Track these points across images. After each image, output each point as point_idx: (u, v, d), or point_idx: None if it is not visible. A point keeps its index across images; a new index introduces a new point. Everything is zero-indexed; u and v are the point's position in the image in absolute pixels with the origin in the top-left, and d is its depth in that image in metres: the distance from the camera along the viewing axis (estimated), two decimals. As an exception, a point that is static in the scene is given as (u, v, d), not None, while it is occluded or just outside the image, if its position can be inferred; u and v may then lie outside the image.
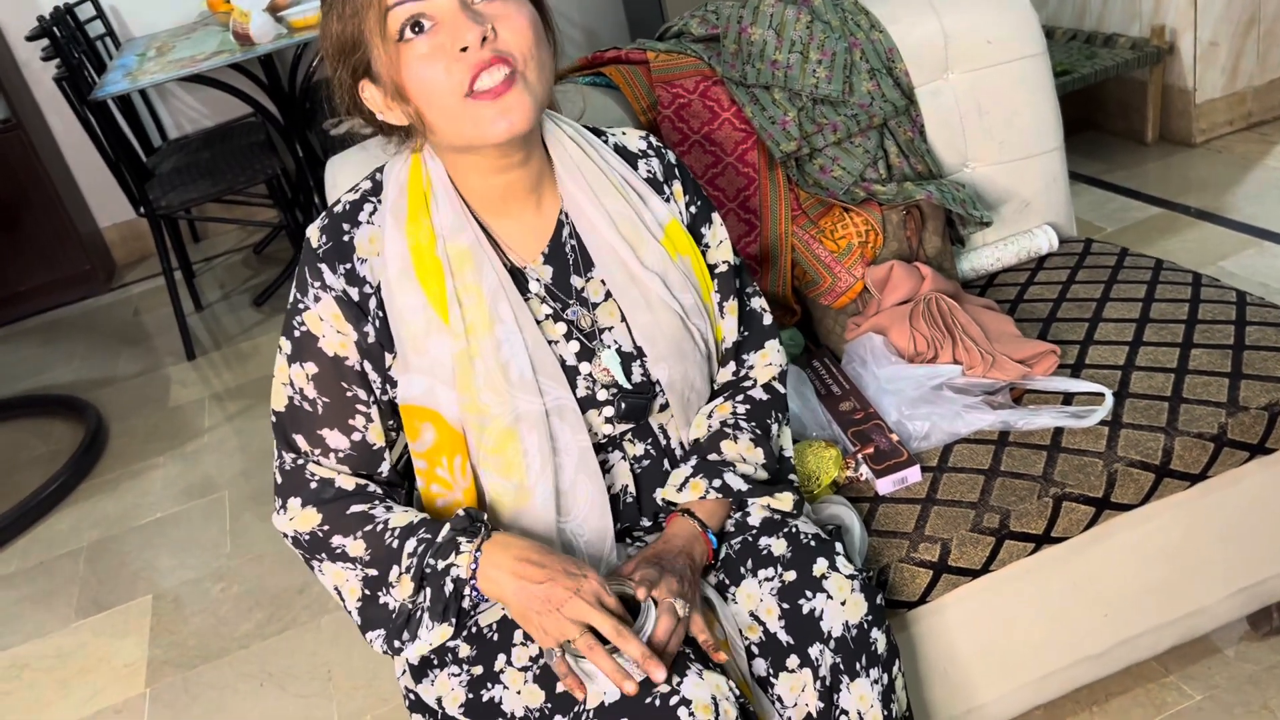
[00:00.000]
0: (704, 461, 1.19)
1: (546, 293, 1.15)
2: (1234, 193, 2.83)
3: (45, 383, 3.49)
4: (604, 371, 1.14)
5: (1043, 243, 1.78)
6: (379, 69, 1.03)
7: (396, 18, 0.99)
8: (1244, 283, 2.40)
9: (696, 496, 1.16)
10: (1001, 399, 1.42)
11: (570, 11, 4.53)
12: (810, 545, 1.12)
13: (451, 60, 0.99)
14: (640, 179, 1.19)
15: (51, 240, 4.02)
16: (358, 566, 1.10)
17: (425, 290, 1.08)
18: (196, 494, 2.66)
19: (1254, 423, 1.34)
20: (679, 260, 1.17)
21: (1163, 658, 1.58)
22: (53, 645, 2.24)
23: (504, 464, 1.10)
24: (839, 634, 1.08)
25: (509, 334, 1.09)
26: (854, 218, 1.61)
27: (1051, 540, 1.31)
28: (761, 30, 1.67)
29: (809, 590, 1.09)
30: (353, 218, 1.12)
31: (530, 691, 1.07)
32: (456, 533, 1.07)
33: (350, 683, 1.93)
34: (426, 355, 1.09)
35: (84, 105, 3.07)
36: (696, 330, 1.18)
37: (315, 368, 1.10)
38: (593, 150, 1.17)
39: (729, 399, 1.25)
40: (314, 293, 1.10)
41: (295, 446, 1.13)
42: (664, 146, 1.25)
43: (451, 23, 0.99)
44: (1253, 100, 3.14)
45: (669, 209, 1.19)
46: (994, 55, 1.73)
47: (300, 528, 1.12)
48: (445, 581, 1.07)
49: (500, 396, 1.08)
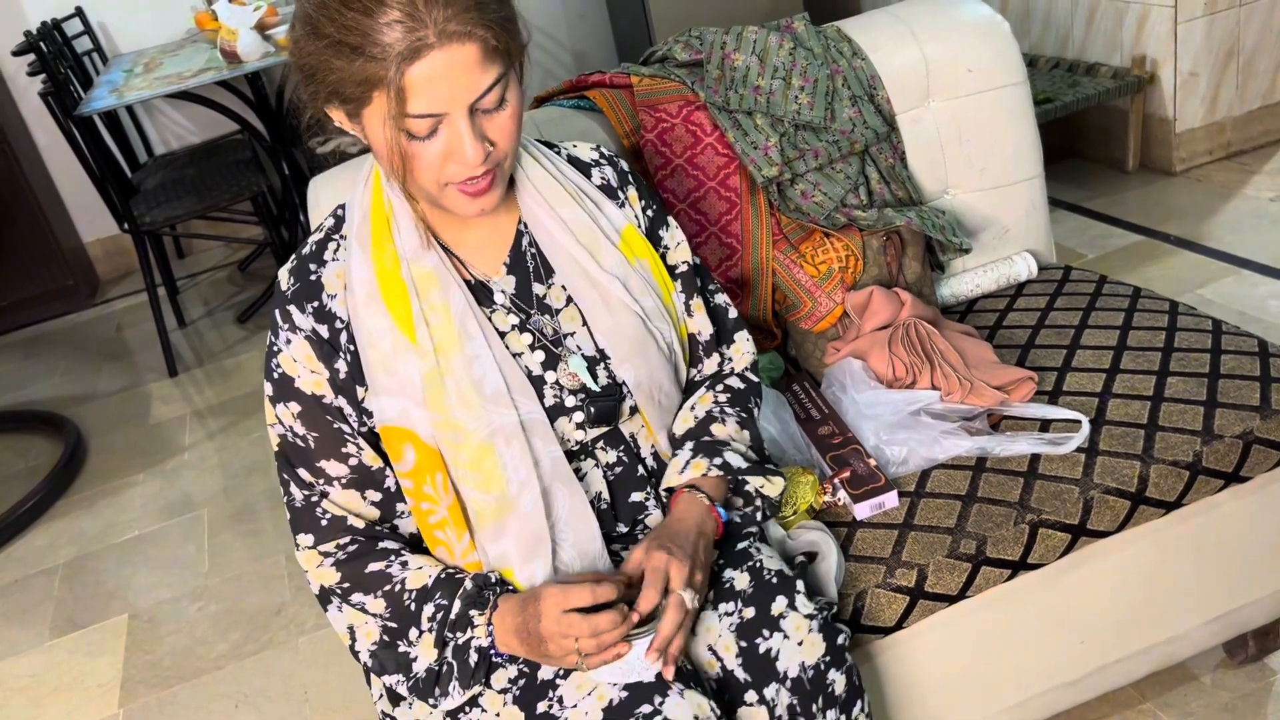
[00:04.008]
0: (701, 443, 1.22)
1: (511, 303, 1.16)
2: (1213, 221, 2.86)
3: (25, 398, 3.47)
4: (571, 377, 1.16)
5: (1022, 269, 1.79)
6: (367, 126, 1.02)
7: (414, 123, 0.99)
8: (1222, 310, 2.42)
9: (700, 474, 1.19)
10: (979, 425, 1.42)
11: (559, 34, 4.56)
12: (771, 582, 1.12)
13: (449, 160, 1.02)
14: (594, 187, 1.22)
15: (35, 255, 4.01)
16: (377, 620, 1.12)
17: (391, 312, 1.09)
18: (175, 512, 2.64)
19: (1229, 451, 1.35)
20: (637, 264, 1.20)
21: (1139, 685, 1.58)
22: (26, 664, 2.21)
23: (483, 479, 1.11)
24: (795, 674, 1.08)
25: (480, 350, 1.10)
26: (834, 243, 1.62)
27: (1028, 566, 1.31)
28: (744, 56, 1.68)
29: (766, 629, 1.10)
30: (318, 257, 1.14)
31: (510, 713, 1.07)
32: (467, 606, 1.10)
33: (327, 704, 1.91)
34: (396, 376, 1.09)
35: (70, 120, 3.07)
36: (659, 333, 1.20)
37: (298, 406, 1.12)
38: (547, 162, 1.20)
39: (709, 389, 1.28)
40: (285, 335, 1.12)
41: (301, 480, 1.14)
42: (615, 156, 1.27)
43: (457, 135, 1.00)
44: (1232, 130, 3.18)
45: (624, 215, 1.22)
46: (975, 83, 1.75)
47: (323, 581, 1.14)
48: (469, 654, 1.09)
49: (474, 412, 1.09)
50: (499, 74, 0.99)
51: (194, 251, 4.47)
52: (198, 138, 4.24)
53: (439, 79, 0.96)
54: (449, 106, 0.98)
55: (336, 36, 0.96)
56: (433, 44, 0.95)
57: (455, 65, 0.96)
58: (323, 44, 0.98)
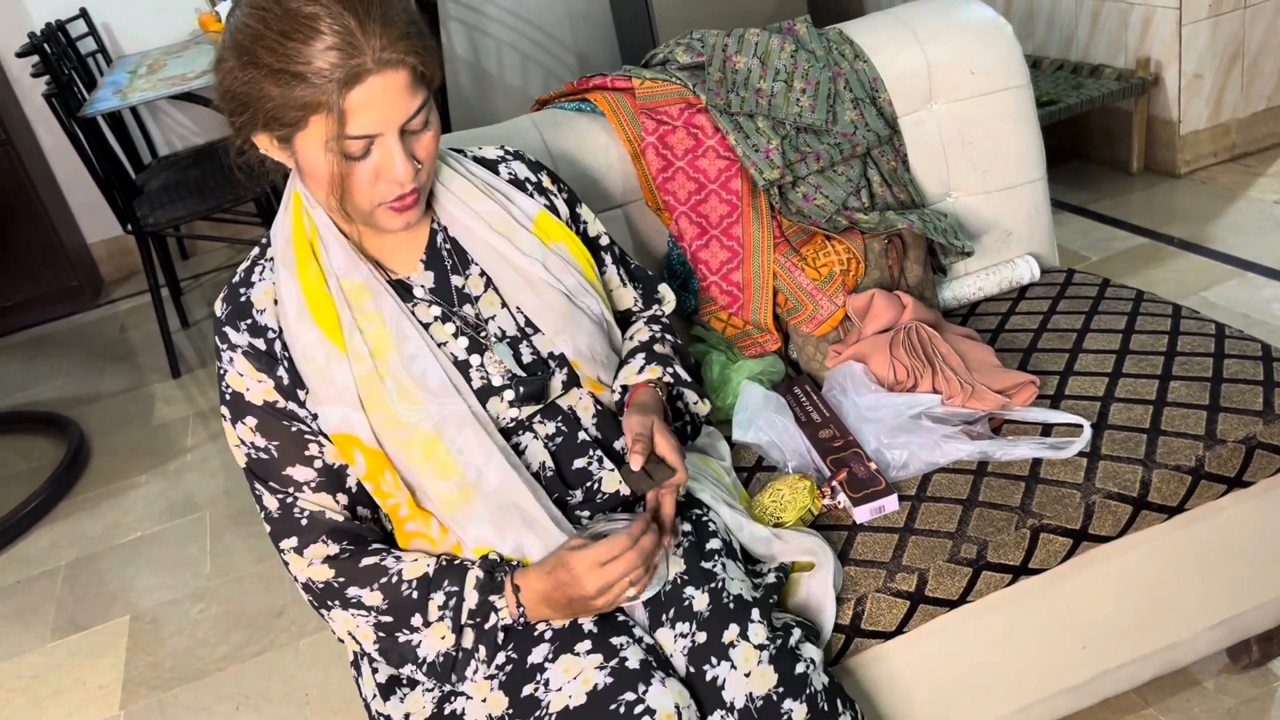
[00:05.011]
0: (652, 353, 1.33)
1: (431, 296, 1.22)
2: (1217, 224, 2.85)
3: (29, 399, 3.48)
4: (497, 363, 1.21)
5: (1024, 273, 1.79)
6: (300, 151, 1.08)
7: (351, 144, 1.06)
8: (1225, 313, 2.41)
9: (656, 377, 1.30)
10: (980, 429, 1.42)
11: (562, 36, 4.56)
12: (729, 607, 1.14)
13: (380, 180, 1.09)
14: (503, 181, 1.30)
15: (38, 256, 4.01)
16: (371, 614, 1.15)
17: (320, 325, 1.15)
18: (177, 513, 2.64)
19: (1231, 456, 1.35)
20: (553, 245, 1.27)
21: (1142, 690, 1.58)
22: (28, 665, 2.22)
23: (438, 467, 1.15)
24: (741, 705, 1.09)
25: (417, 350, 1.16)
26: (836, 246, 1.62)
27: (1029, 571, 1.31)
28: (746, 59, 1.68)
29: (714, 657, 1.11)
30: (246, 281, 1.20)
31: (495, 699, 1.10)
32: (485, 594, 1.14)
33: (328, 707, 1.91)
34: (332, 384, 1.14)
35: (74, 121, 3.07)
36: (586, 307, 1.27)
37: (254, 419, 1.16)
38: (457, 164, 1.27)
39: (645, 324, 1.39)
40: (226, 355, 1.17)
41: (273, 489, 1.17)
42: (520, 151, 1.37)
43: (389, 155, 1.08)
44: (1236, 132, 3.17)
45: (535, 203, 1.30)
46: (977, 86, 1.74)
47: (315, 577, 1.16)
48: (497, 635, 1.14)
49: (417, 407, 1.14)
50: (425, 98, 1.08)
51: (197, 252, 4.48)
52: (201, 139, 4.24)
53: (375, 103, 1.04)
54: (383, 128, 1.06)
55: (276, 65, 1.02)
56: (370, 69, 1.02)
57: (390, 89, 1.04)
58: (260, 73, 1.04)
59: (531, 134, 1.65)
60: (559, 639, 1.12)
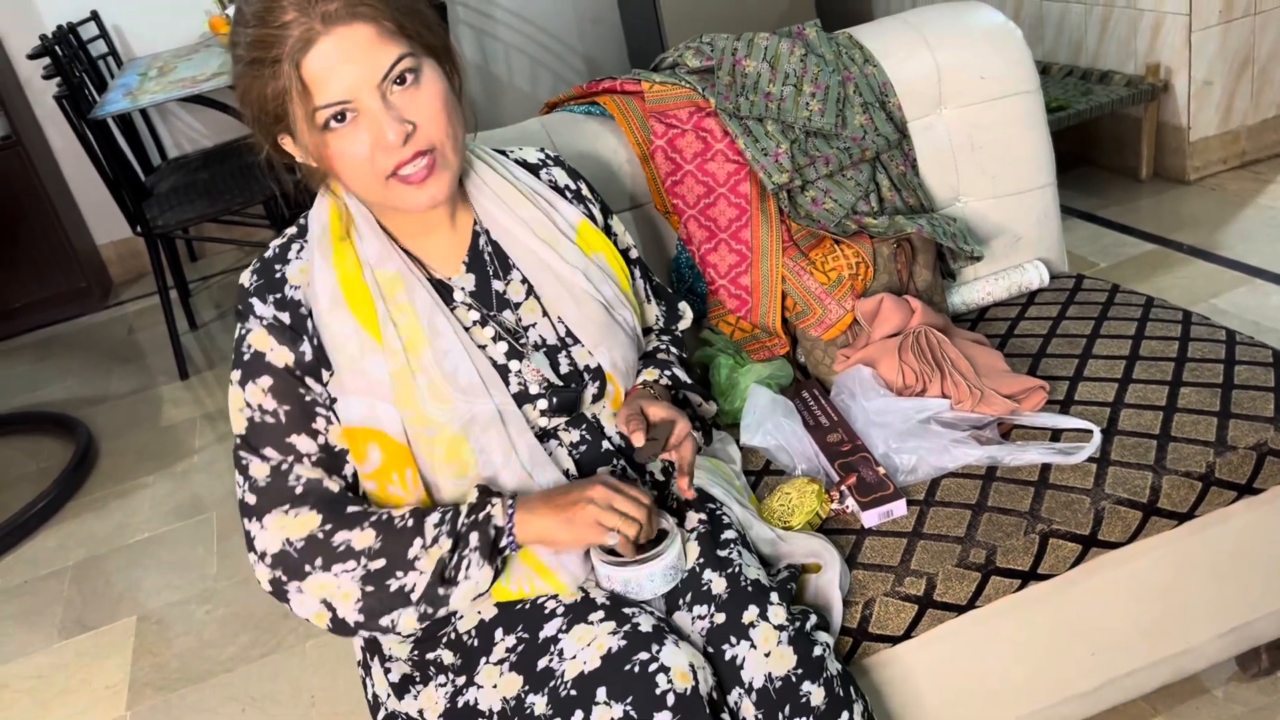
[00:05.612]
0: (651, 358, 1.34)
1: (472, 299, 1.19)
2: (1227, 230, 2.85)
3: (38, 400, 3.49)
4: (534, 371, 1.19)
5: (1033, 278, 1.79)
6: (303, 142, 1.06)
7: (322, 114, 1.02)
8: (1235, 320, 2.40)
9: (653, 380, 1.30)
10: (989, 434, 1.42)
11: (572, 40, 4.57)
12: (746, 590, 1.14)
13: (375, 149, 1.04)
14: (545, 186, 1.27)
15: (48, 257, 4.03)
16: (360, 563, 1.08)
17: (356, 315, 1.11)
18: (185, 514, 2.64)
19: (1242, 462, 1.34)
20: (594, 256, 1.25)
21: (1150, 697, 1.57)
22: (34, 665, 2.22)
23: (459, 467, 1.13)
24: (760, 685, 1.08)
25: (450, 345, 1.13)
26: (845, 250, 1.61)
27: (1038, 577, 1.30)
28: (756, 63, 1.68)
29: (734, 636, 1.11)
30: (283, 258, 1.16)
31: (508, 681, 1.09)
32: (482, 493, 1.12)
33: (334, 709, 1.91)
34: (364, 376, 1.11)
35: (84, 123, 3.08)
36: (623, 319, 1.26)
37: (270, 380, 1.12)
38: (500, 166, 1.24)
39: (656, 336, 1.40)
40: (251, 324, 1.13)
41: (266, 457, 1.12)
42: (559, 156, 1.34)
43: (374, 119, 1.03)
44: (1246, 139, 3.16)
45: (577, 211, 1.27)
46: (987, 91, 1.74)
47: (293, 534, 1.09)
48: (489, 529, 1.10)
49: (446, 405, 1.12)
50: (403, 51, 1.02)
51: (206, 254, 4.49)
52: (211, 141, 4.26)
53: (335, 66, 0.99)
54: (353, 93, 1.01)
55: (249, 55, 1.01)
56: (320, 31, 0.98)
57: (347, 48, 0.99)
58: (246, 68, 1.02)
59: (540, 137, 1.65)
60: (571, 612, 1.11)
